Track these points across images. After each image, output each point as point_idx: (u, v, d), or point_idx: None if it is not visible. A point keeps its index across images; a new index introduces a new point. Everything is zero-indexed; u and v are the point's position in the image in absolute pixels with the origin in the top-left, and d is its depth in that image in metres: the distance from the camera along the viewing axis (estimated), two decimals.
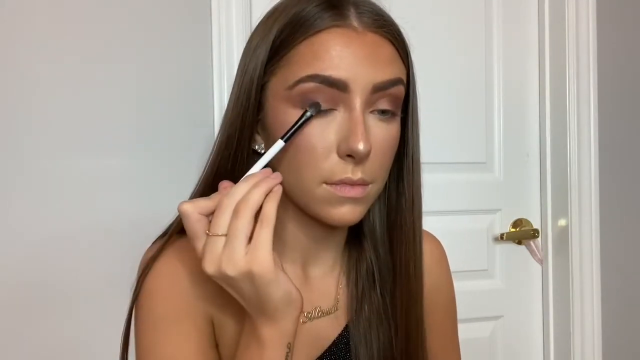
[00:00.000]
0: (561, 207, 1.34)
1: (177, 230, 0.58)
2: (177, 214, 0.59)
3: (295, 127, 0.50)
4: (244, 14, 1.10)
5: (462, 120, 1.32)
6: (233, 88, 0.57)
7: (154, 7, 1.06)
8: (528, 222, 1.38)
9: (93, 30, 1.02)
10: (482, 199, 1.35)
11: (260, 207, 0.47)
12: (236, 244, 0.45)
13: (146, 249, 0.62)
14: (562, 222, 1.34)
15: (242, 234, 0.46)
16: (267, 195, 0.48)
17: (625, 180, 1.39)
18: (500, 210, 1.37)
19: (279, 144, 0.50)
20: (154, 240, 0.63)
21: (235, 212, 0.46)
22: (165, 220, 0.63)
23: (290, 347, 0.50)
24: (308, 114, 0.50)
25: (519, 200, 1.38)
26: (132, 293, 0.57)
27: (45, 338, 0.99)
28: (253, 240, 0.46)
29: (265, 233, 0.46)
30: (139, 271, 0.59)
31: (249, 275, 0.46)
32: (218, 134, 0.58)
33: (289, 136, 0.50)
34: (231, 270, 0.45)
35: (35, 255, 0.99)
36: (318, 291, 0.62)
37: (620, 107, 1.37)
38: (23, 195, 0.98)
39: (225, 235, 0.46)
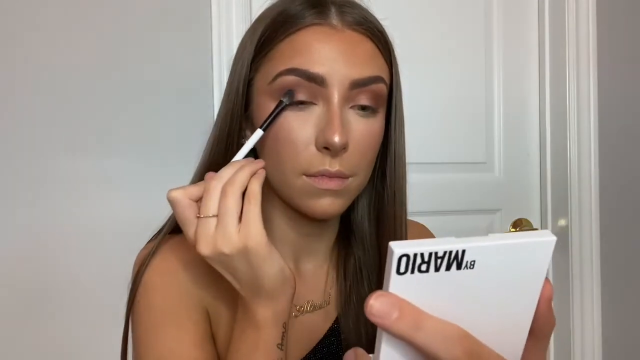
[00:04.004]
0: (561, 207, 1.34)
1: (171, 229, 0.60)
2: (171, 213, 0.60)
3: (272, 115, 0.52)
4: (244, 14, 1.10)
5: (462, 120, 1.32)
6: (226, 87, 0.60)
7: (154, 8, 1.06)
8: (528, 222, 1.38)
9: (92, 31, 1.02)
10: (482, 199, 1.35)
11: (246, 189, 0.49)
12: (228, 222, 0.47)
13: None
14: (562, 222, 1.34)
15: (232, 212, 0.47)
16: (251, 177, 0.49)
17: (625, 181, 1.39)
18: (500, 210, 1.37)
19: (258, 133, 0.53)
20: (149, 239, 0.64)
21: (223, 192, 0.48)
22: (164, 221, 0.63)
23: (285, 327, 0.51)
24: (283, 102, 0.52)
25: (519, 200, 1.38)
26: (128, 290, 0.58)
27: (44, 337, 0.99)
28: (243, 218, 0.47)
29: (253, 209, 0.47)
30: (134, 269, 0.60)
31: (244, 252, 0.47)
32: (212, 129, 0.60)
33: (267, 125, 0.52)
34: (226, 248, 0.46)
35: (34, 255, 0.99)
36: (310, 285, 0.63)
37: (620, 107, 1.37)
38: (22, 194, 0.98)
39: (216, 215, 0.47)
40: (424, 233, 0.75)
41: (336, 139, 0.50)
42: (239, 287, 0.50)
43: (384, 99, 0.56)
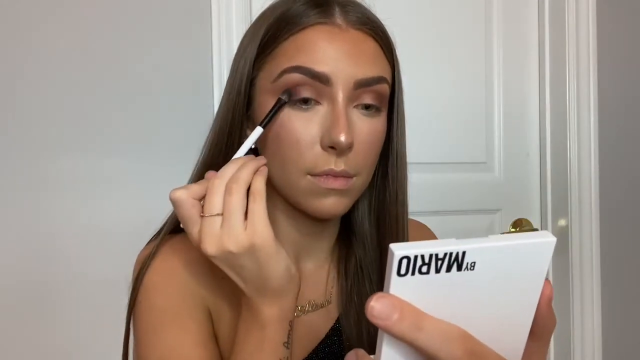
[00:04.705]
0: (561, 207, 1.34)
1: (171, 229, 0.60)
2: (170, 213, 0.60)
3: (271, 112, 0.52)
4: (244, 14, 1.10)
5: (462, 120, 1.32)
6: (226, 86, 0.59)
7: (154, 8, 1.06)
8: (528, 222, 1.38)
9: (93, 31, 1.02)
10: (482, 199, 1.35)
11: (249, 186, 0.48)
12: (234, 220, 0.46)
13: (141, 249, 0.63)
14: (562, 222, 1.34)
15: (238, 209, 0.46)
16: (254, 174, 0.49)
17: (625, 180, 1.39)
18: (500, 210, 1.37)
19: (258, 130, 0.52)
20: (148, 240, 0.63)
21: (228, 190, 0.47)
22: (164, 221, 0.63)
23: (291, 325, 0.51)
24: (282, 100, 0.52)
25: (519, 200, 1.38)
26: (129, 292, 0.58)
27: (44, 337, 0.99)
28: (249, 215, 0.47)
29: (259, 207, 0.47)
30: (134, 270, 0.60)
31: (251, 249, 0.46)
32: (210, 129, 0.60)
33: (267, 122, 0.52)
34: (233, 246, 0.46)
35: (34, 255, 0.99)
36: (311, 285, 0.63)
37: (620, 107, 1.37)
38: (22, 194, 0.98)
39: (221, 214, 0.47)
40: (425, 232, 0.75)
41: (342, 138, 0.50)
42: (244, 286, 0.49)
43: (387, 99, 0.57)
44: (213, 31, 1.09)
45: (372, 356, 0.31)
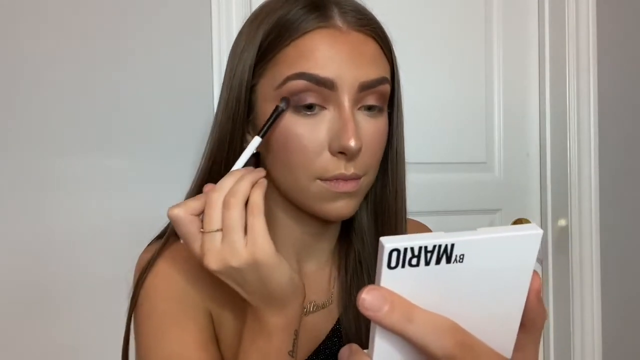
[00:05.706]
0: (561, 207, 1.34)
1: (174, 233, 0.59)
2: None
3: (269, 122, 0.52)
4: (244, 14, 1.10)
5: (462, 120, 1.32)
6: (222, 91, 0.58)
7: (154, 7, 1.06)
8: (528, 222, 1.38)
9: (93, 31, 1.02)
10: (482, 199, 1.35)
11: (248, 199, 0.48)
12: (234, 235, 0.46)
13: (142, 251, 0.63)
14: (562, 222, 1.34)
15: (237, 224, 0.46)
16: (252, 186, 0.48)
17: (625, 180, 1.39)
18: (500, 210, 1.37)
19: (257, 140, 0.52)
20: (149, 242, 0.63)
21: (226, 205, 0.47)
22: (164, 221, 0.63)
23: (296, 334, 0.51)
24: (280, 108, 0.52)
25: (519, 200, 1.38)
26: (130, 294, 0.58)
27: (44, 338, 0.99)
28: (249, 230, 0.46)
29: (258, 221, 0.47)
30: (135, 273, 0.60)
31: (254, 265, 0.46)
32: (209, 136, 0.59)
33: (265, 131, 0.52)
34: (235, 262, 0.46)
35: (34, 255, 0.99)
36: (313, 286, 0.63)
37: (620, 107, 1.37)
38: (22, 194, 0.98)
39: (221, 230, 0.46)
40: (425, 232, 0.74)
41: (352, 143, 0.50)
42: (249, 297, 0.49)
43: (387, 98, 0.57)
44: (213, 31, 1.09)
45: (365, 350, 0.32)
